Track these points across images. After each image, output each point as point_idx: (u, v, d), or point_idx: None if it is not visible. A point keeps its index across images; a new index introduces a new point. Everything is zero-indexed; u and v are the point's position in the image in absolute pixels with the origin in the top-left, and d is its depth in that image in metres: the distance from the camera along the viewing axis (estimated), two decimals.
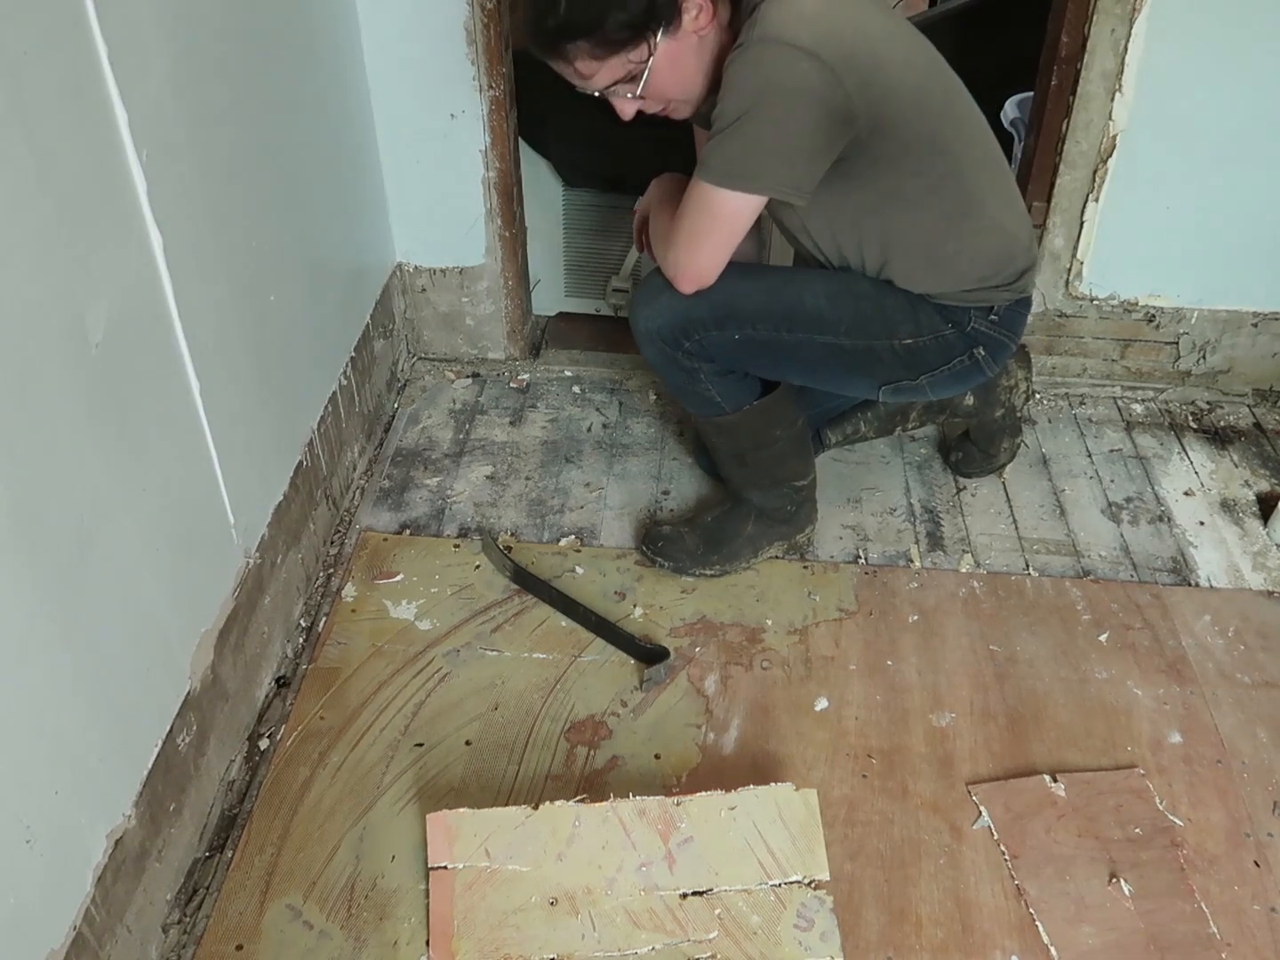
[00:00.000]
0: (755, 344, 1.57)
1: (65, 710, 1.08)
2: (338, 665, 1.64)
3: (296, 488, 1.68)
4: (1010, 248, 1.57)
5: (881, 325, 1.57)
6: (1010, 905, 1.35)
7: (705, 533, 1.79)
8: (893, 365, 1.61)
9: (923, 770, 1.51)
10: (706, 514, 1.83)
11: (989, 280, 1.56)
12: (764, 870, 1.32)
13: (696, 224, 1.45)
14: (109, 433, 1.14)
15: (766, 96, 1.33)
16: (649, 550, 1.80)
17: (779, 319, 1.56)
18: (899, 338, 1.58)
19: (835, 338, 1.58)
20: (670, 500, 1.97)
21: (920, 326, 1.57)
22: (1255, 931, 1.33)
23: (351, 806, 1.44)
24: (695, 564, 1.78)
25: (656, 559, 1.79)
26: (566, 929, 1.27)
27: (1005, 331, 1.62)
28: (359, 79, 1.92)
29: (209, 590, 1.40)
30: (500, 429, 2.14)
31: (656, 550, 1.80)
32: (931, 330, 1.58)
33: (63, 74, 1.03)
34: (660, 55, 1.38)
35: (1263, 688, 1.63)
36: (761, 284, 1.58)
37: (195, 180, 1.30)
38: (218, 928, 1.31)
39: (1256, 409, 2.21)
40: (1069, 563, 1.85)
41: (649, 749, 1.52)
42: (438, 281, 2.21)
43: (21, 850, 1.01)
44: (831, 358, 1.60)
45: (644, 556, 1.81)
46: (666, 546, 1.79)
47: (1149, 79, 1.90)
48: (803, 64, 1.31)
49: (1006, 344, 1.63)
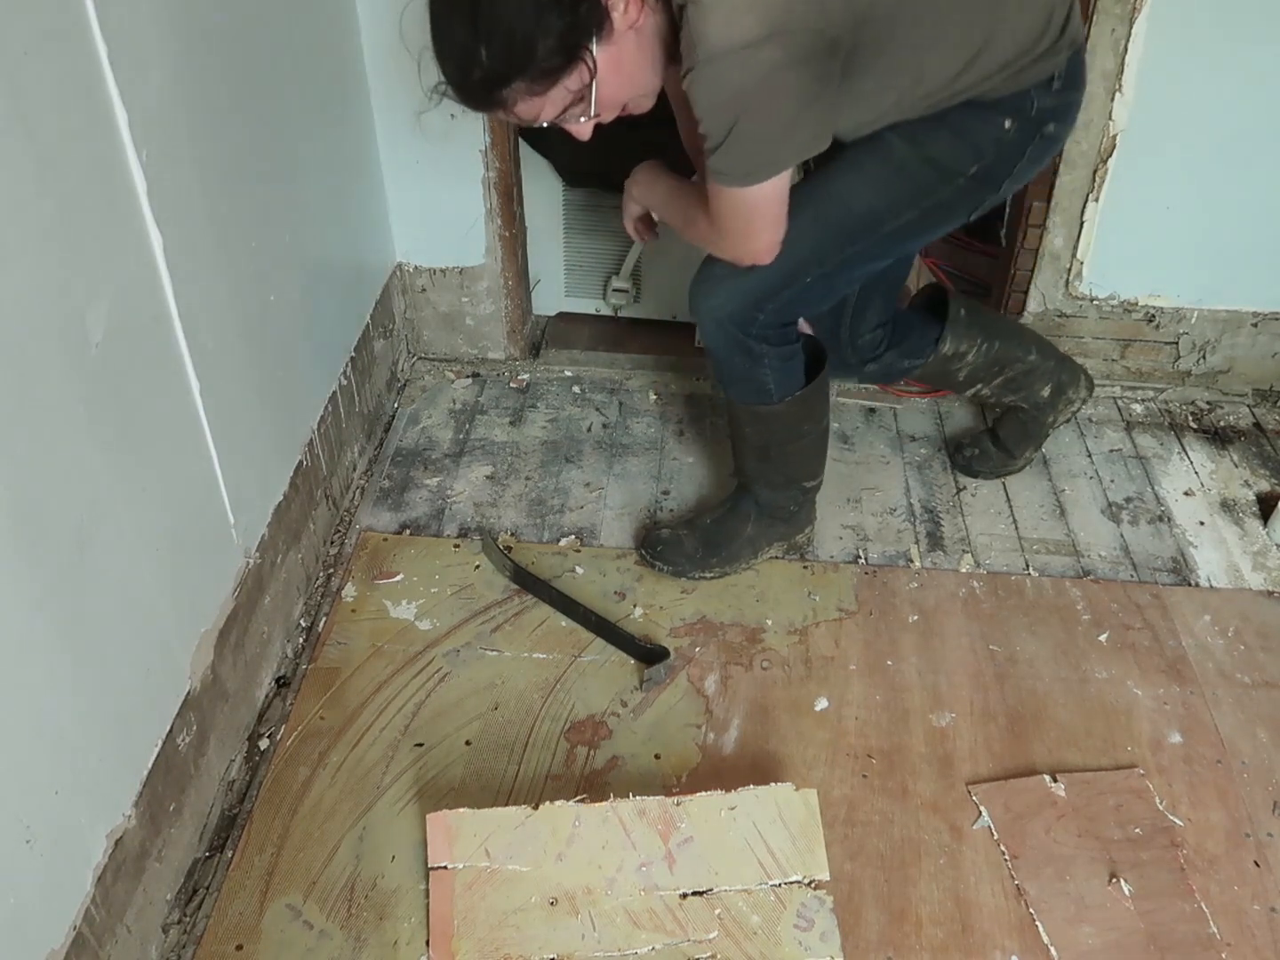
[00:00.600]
0: (830, 275, 1.53)
1: (65, 710, 1.08)
2: (338, 665, 1.64)
3: (296, 488, 1.68)
4: (1041, 5, 1.40)
5: (939, 177, 1.48)
6: (1010, 905, 1.35)
7: (704, 535, 1.79)
8: (968, 196, 1.52)
9: (923, 770, 1.51)
10: (705, 516, 1.83)
11: (1035, 48, 1.40)
12: (764, 870, 1.32)
13: (740, 221, 1.40)
14: (109, 433, 1.14)
15: (745, 100, 1.25)
16: (648, 554, 1.80)
17: (841, 241, 1.51)
18: (963, 174, 1.48)
19: (900, 218, 1.50)
20: (670, 500, 1.97)
21: (980, 148, 1.46)
22: (1255, 931, 1.33)
23: (351, 806, 1.44)
24: (695, 567, 1.78)
25: (656, 563, 1.79)
26: (566, 929, 1.27)
27: (1070, 91, 1.48)
28: (359, 79, 1.92)
29: (209, 590, 1.40)
30: (500, 429, 2.14)
31: (656, 554, 1.79)
32: (993, 142, 1.46)
33: (63, 74, 1.03)
34: (603, 67, 1.23)
35: (1263, 688, 1.63)
36: (805, 217, 1.47)
37: (195, 180, 1.30)
38: (218, 928, 1.31)
39: (1256, 409, 2.21)
40: (1069, 563, 1.85)
41: (649, 749, 1.52)
42: (438, 281, 2.21)
43: (21, 850, 1.01)
44: (908, 233, 1.54)
45: (643, 560, 1.81)
46: (666, 550, 1.79)
47: (1149, 79, 1.90)
48: (761, 54, 1.21)
49: (1073, 102, 1.50)
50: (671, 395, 2.23)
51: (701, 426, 2.14)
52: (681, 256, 2.29)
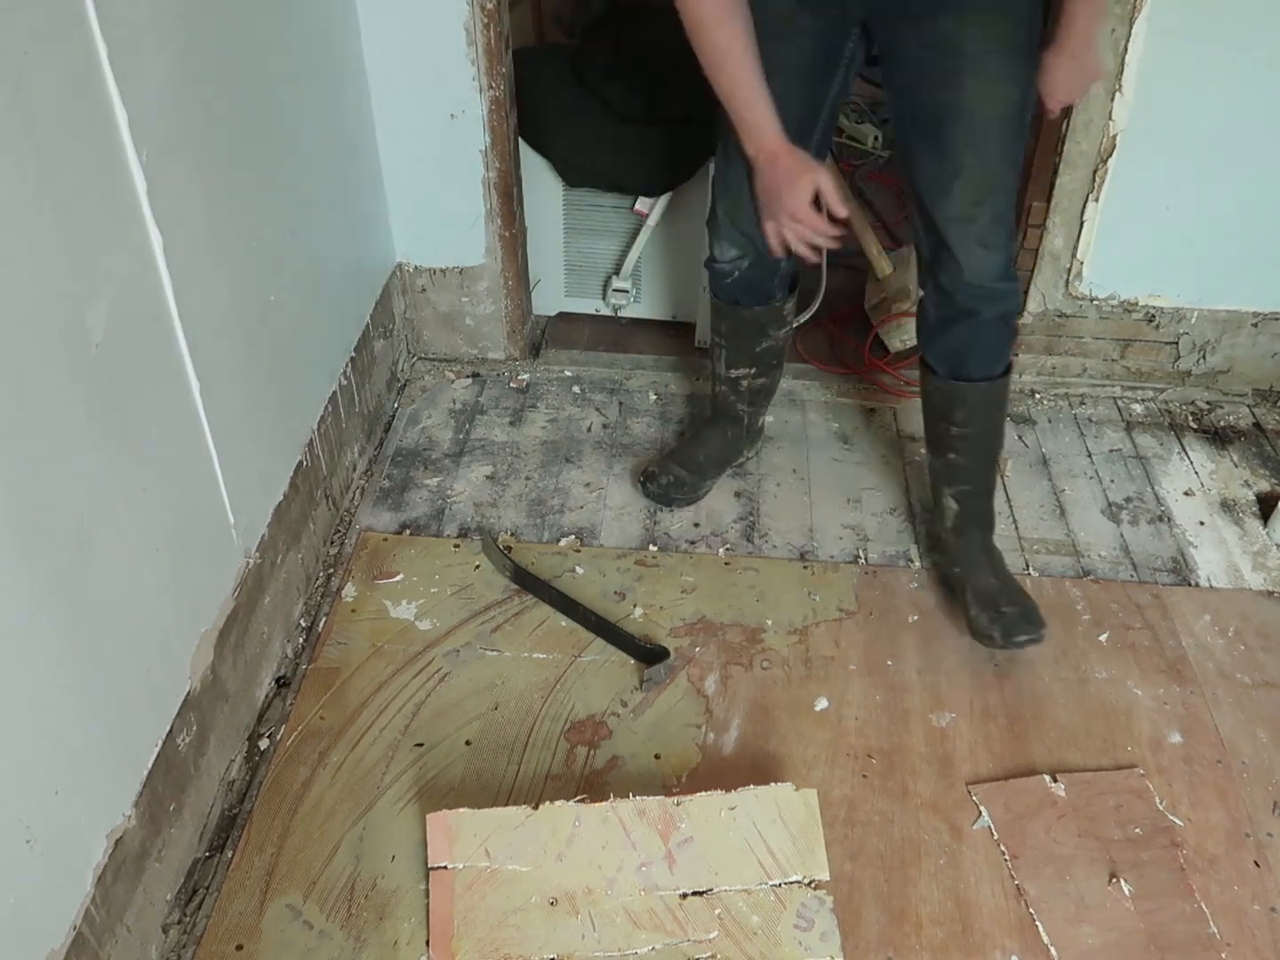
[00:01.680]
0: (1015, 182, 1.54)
1: (65, 710, 1.08)
2: (338, 665, 1.64)
3: (296, 488, 1.68)
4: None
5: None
6: (1010, 905, 1.35)
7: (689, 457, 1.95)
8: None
9: (923, 770, 1.51)
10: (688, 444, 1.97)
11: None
12: (764, 870, 1.32)
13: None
14: (109, 433, 1.14)
15: None
16: (655, 495, 1.94)
17: (1019, 149, 1.50)
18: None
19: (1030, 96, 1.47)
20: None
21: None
22: (1255, 931, 1.33)
23: (351, 806, 1.44)
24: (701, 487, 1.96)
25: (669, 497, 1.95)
26: (566, 929, 1.27)
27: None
28: (359, 79, 1.92)
29: (209, 590, 1.40)
30: (500, 429, 2.14)
31: (662, 493, 1.94)
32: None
33: (63, 74, 1.03)
34: None
35: (1263, 688, 1.63)
36: (1007, 140, 1.47)
37: (195, 180, 1.30)
38: (218, 928, 1.31)
39: (1256, 409, 2.21)
40: (1069, 563, 1.85)
41: (649, 749, 1.52)
42: (438, 281, 2.21)
43: (21, 850, 1.01)
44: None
45: (651, 499, 1.95)
46: (671, 487, 1.93)
47: (1149, 79, 1.90)
48: None
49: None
50: (671, 395, 2.23)
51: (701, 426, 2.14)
52: (681, 257, 2.29)
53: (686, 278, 2.31)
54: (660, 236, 2.26)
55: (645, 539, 1.88)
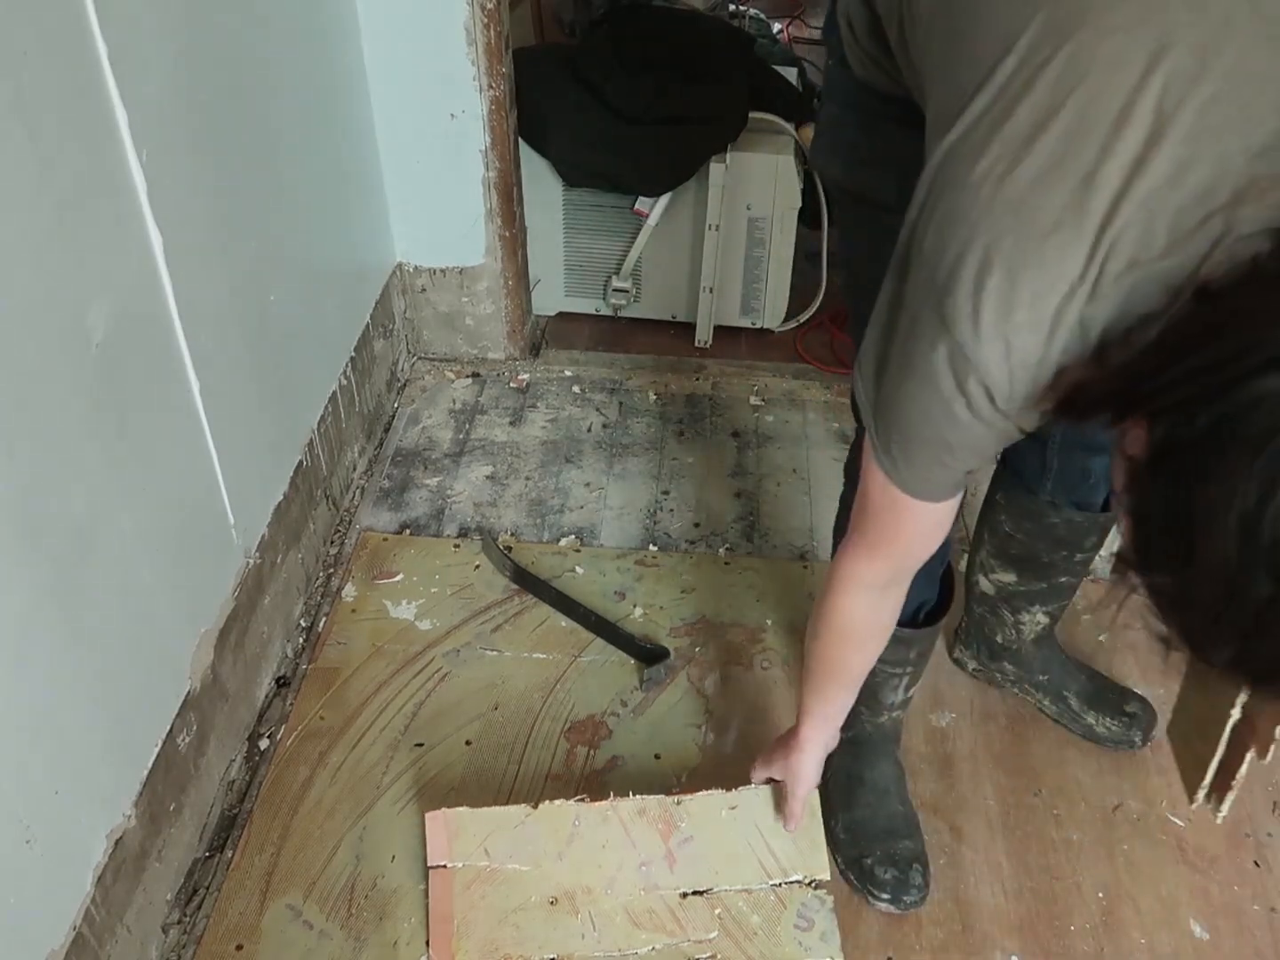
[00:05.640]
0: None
1: (65, 710, 1.08)
2: (338, 665, 1.64)
3: (296, 488, 1.68)
4: None
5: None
6: (1010, 905, 1.35)
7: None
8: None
9: (923, 770, 1.51)
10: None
11: None
12: (764, 870, 1.31)
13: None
14: (109, 432, 1.14)
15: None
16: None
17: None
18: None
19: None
20: (670, 500, 1.97)
21: None
22: (1255, 931, 1.33)
23: (351, 806, 1.44)
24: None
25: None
26: (566, 928, 1.27)
27: None
28: (359, 79, 1.92)
29: (209, 590, 1.40)
30: (500, 429, 2.14)
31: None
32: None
33: (63, 74, 1.03)
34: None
35: None
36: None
37: (195, 180, 1.30)
38: (218, 928, 1.31)
39: None
40: None
41: (649, 749, 1.52)
42: (438, 281, 2.21)
43: (21, 850, 1.01)
44: None
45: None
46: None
47: None
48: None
49: None
50: (671, 395, 2.23)
51: (701, 426, 2.14)
52: (681, 257, 2.29)
53: (686, 278, 2.31)
54: (660, 236, 2.26)
55: (645, 539, 1.88)
